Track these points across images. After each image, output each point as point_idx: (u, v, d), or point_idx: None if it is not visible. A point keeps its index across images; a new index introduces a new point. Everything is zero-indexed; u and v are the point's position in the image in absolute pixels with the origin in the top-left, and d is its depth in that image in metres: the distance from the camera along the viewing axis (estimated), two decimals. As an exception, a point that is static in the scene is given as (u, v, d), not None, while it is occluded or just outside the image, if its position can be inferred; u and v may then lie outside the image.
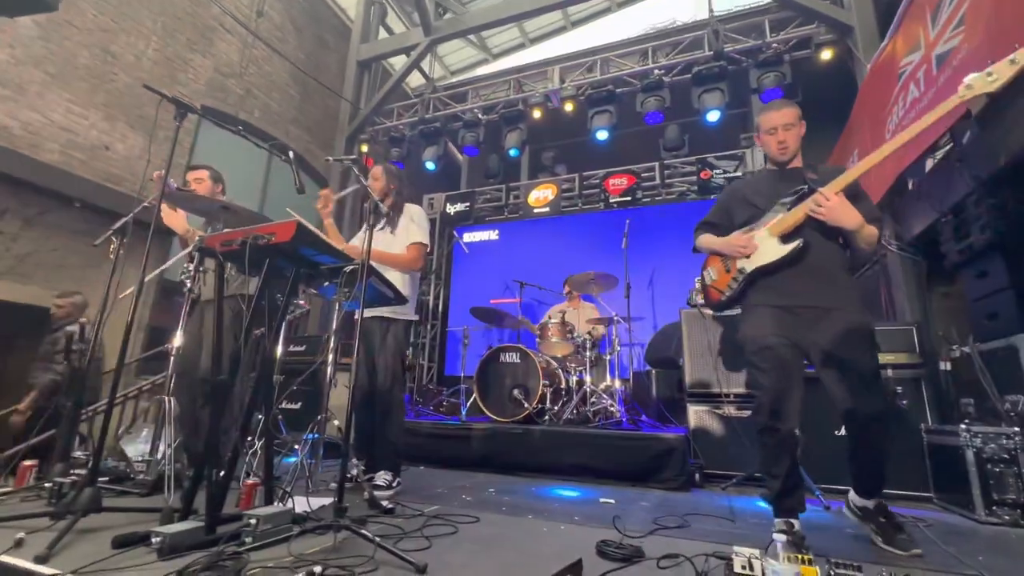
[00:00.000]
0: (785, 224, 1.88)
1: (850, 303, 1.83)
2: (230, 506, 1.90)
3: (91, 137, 4.84)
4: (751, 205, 2.01)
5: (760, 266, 1.92)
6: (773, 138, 1.98)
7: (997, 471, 2.37)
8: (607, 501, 2.59)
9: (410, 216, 2.86)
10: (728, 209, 2.11)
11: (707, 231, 2.16)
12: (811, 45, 4.80)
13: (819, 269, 1.85)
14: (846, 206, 1.78)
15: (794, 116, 1.97)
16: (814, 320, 1.81)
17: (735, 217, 2.06)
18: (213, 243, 1.88)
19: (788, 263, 1.87)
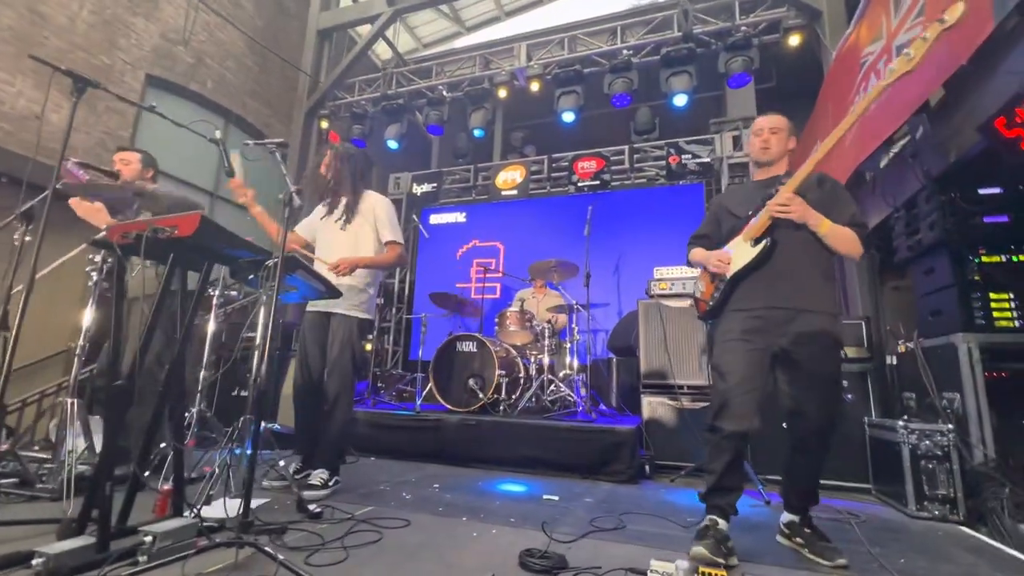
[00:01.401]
0: (755, 228, 1.89)
1: (821, 306, 1.81)
2: (146, 514, 1.80)
3: (19, 106, 4.48)
4: (733, 216, 2.03)
5: (736, 272, 1.92)
6: (758, 139, 2.02)
7: (930, 467, 2.41)
8: (550, 498, 2.55)
9: (374, 210, 2.68)
10: (716, 221, 2.12)
11: (698, 244, 2.16)
12: (780, 29, 4.70)
13: (789, 271, 1.84)
14: (803, 204, 1.77)
15: (784, 124, 2.00)
16: (783, 322, 1.80)
17: (722, 227, 2.08)
18: (113, 235, 1.72)
19: (759, 264, 1.87)
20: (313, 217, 2.81)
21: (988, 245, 2.46)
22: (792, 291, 1.81)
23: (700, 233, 2.18)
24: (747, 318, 1.86)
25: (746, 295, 1.90)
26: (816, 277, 1.84)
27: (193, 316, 1.84)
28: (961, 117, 2.38)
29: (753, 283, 1.88)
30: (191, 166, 5.97)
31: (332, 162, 2.71)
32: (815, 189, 1.87)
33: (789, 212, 1.77)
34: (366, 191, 2.74)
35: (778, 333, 1.80)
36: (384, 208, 2.71)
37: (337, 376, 2.54)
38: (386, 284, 6.79)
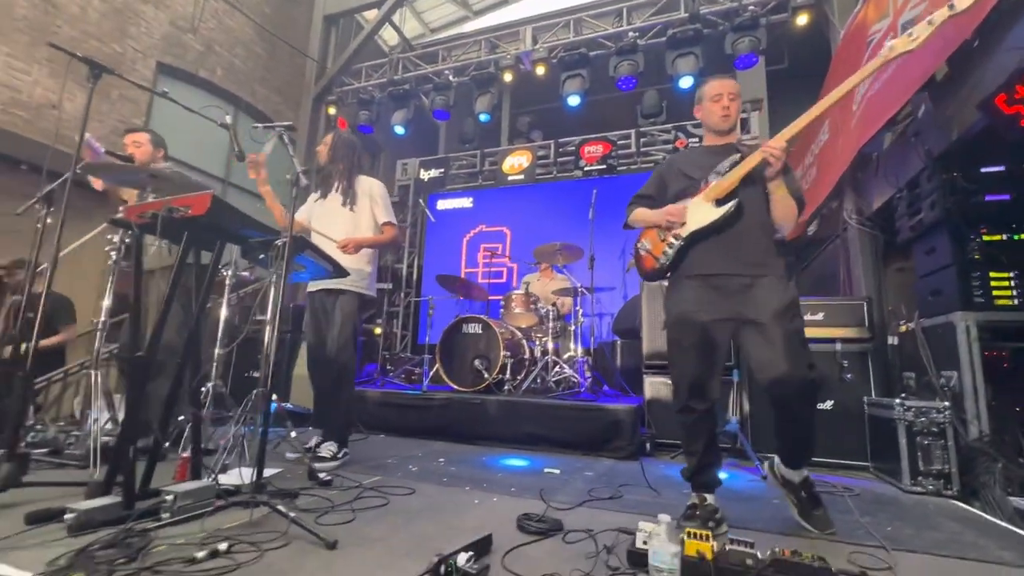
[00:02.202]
0: (720, 188, 1.86)
1: (776, 271, 1.82)
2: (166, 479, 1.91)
3: (36, 95, 4.58)
4: (686, 176, 1.98)
5: (695, 230, 1.89)
6: (718, 104, 1.94)
7: (926, 443, 2.45)
8: (551, 471, 2.64)
9: (370, 193, 2.82)
10: (663, 182, 2.07)
11: (641, 204, 2.11)
12: (788, 8, 4.63)
13: (748, 235, 1.83)
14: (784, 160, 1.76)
15: (739, 89, 1.96)
16: (741, 289, 1.79)
17: (669, 188, 2.03)
18: (131, 214, 1.81)
19: (722, 226, 1.84)
20: (308, 203, 2.92)
21: (989, 224, 2.46)
22: (750, 257, 1.81)
23: (643, 193, 2.13)
24: (701, 286, 1.85)
25: (702, 259, 1.88)
26: (769, 244, 1.85)
27: (208, 291, 1.93)
28: (963, 94, 2.37)
29: (710, 246, 1.86)
30: (202, 152, 6.07)
31: (332, 144, 2.83)
32: None
33: (777, 160, 1.74)
34: (359, 175, 2.85)
35: (736, 300, 1.79)
36: (379, 191, 2.85)
37: (341, 351, 2.64)
38: (394, 269, 6.89)
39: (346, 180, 2.80)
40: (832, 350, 3.15)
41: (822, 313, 3.22)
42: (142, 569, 1.21)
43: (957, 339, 2.44)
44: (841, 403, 3.06)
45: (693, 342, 1.82)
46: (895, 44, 1.68)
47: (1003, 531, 1.86)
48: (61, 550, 1.30)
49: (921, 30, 1.63)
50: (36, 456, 2.17)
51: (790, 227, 1.86)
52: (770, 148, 1.74)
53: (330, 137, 2.88)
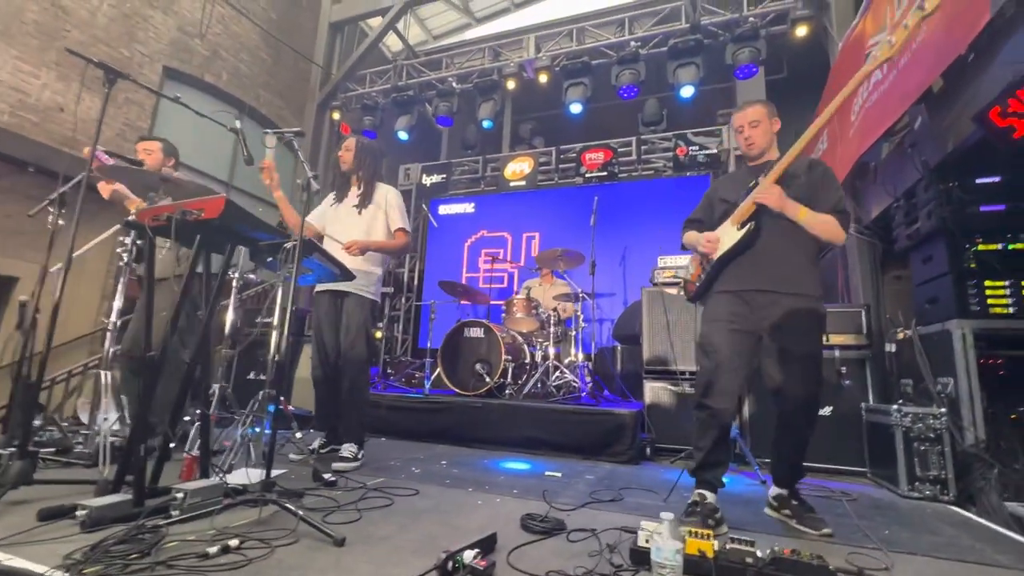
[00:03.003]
0: (741, 212, 1.97)
1: (805, 288, 1.89)
2: (173, 478, 1.94)
3: (44, 98, 4.63)
4: (724, 201, 2.11)
5: (721, 255, 2.01)
6: (740, 136, 2.09)
7: (923, 449, 2.48)
8: (552, 474, 2.66)
9: (386, 199, 2.85)
10: (710, 207, 2.20)
11: (691, 228, 2.22)
12: (788, 20, 4.70)
13: (774, 254, 1.91)
14: (781, 194, 1.85)
15: (761, 113, 2.05)
16: (767, 305, 1.88)
17: (715, 213, 2.15)
18: (144, 217, 1.84)
19: (744, 247, 1.95)
20: (323, 207, 2.96)
21: (985, 233, 2.50)
22: (776, 274, 1.89)
23: (694, 217, 2.25)
24: (733, 300, 1.94)
25: (732, 277, 1.98)
26: (800, 261, 1.91)
27: (219, 295, 1.96)
28: (959, 107, 2.42)
29: (739, 265, 1.96)
30: (207, 157, 6.12)
31: (355, 150, 2.87)
32: (805, 174, 1.94)
33: (767, 200, 1.85)
34: (379, 182, 2.88)
35: (762, 316, 1.88)
36: (395, 198, 2.88)
37: (356, 357, 2.68)
38: (396, 273, 6.92)
39: (366, 185, 2.84)
40: (831, 357, 3.18)
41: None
42: (156, 563, 1.24)
43: (953, 346, 2.48)
44: (839, 409, 3.09)
45: (715, 348, 1.91)
46: (876, 53, 1.77)
47: (999, 536, 1.89)
48: (75, 545, 1.32)
49: (899, 35, 1.71)
50: (44, 455, 2.19)
51: (836, 242, 1.91)
52: (759, 195, 1.87)
53: (353, 142, 2.91)
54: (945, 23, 2.35)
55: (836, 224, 1.87)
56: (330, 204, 2.93)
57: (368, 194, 2.82)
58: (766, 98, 6.91)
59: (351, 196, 2.86)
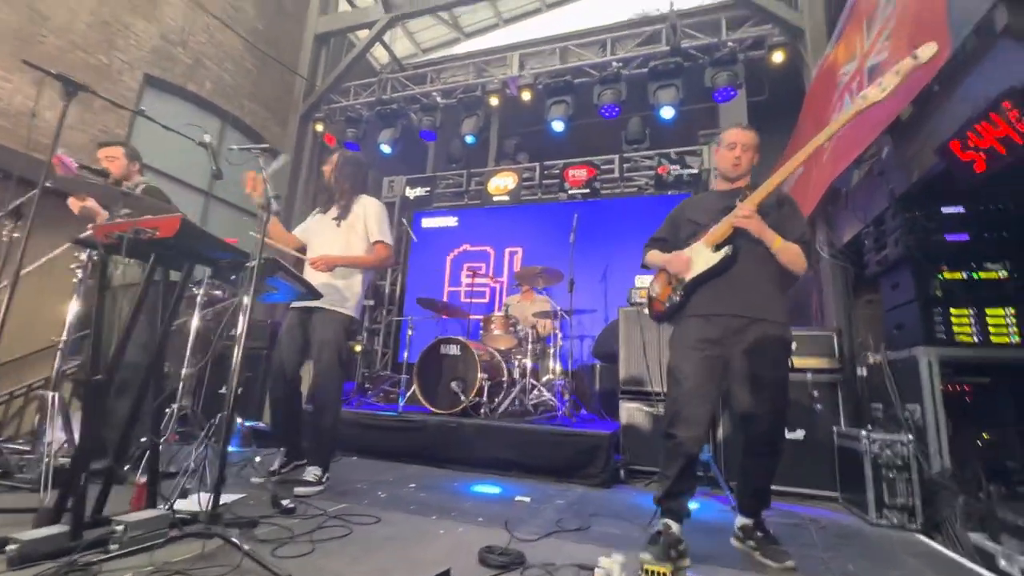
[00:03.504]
0: (717, 233, 1.96)
1: (775, 315, 1.90)
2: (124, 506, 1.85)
3: (15, 103, 4.53)
4: (693, 222, 2.09)
5: (695, 276, 1.99)
6: (732, 153, 2.06)
7: (891, 476, 2.48)
8: (522, 499, 2.61)
9: (366, 211, 2.78)
10: (675, 225, 2.18)
11: (655, 247, 2.21)
12: (765, 46, 4.81)
13: (747, 279, 1.92)
14: (760, 221, 1.87)
15: (755, 141, 2.07)
16: (739, 330, 1.88)
17: (680, 233, 2.14)
18: (97, 234, 1.79)
19: (719, 271, 1.94)
20: (308, 220, 2.92)
21: (949, 262, 2.54)
22: (749, 300, 1.89)
23: (658, 236, 2.24)
24: (704, 325, 1.93)
25: (704, 300, 1.96)
26: (771, 288, 1.92)
27: (175, 310, 1.90)
28: (923, 137, 2.47)
29: (712, 289, 1.95)
30: (186, 165, 6.02)
31: (337, 164, 2.84)
32: (775, 209, 1.96)
33: (748, 224, 1.86)
34: (362, 195, 2.84)
35: (733, 341, 1.88)
36: (375, 209, 2.80)
37: (326, 376, 2.60)
38: (377, 286, 6.86)
39: (347, 198, 2.78)
40: (804, 380, 3.19)
41: (794, 344, 3.27)
42: (81, 606, 1.17)
43: (920, 373, 2.50)
44: (811, 433, 3.09)
45: (685, 375, 1.89)
46: (867, 94, 1.78)
47: (962, 570, 1.89)
48: (-2, 584, 1.25)
49: (889, 81, 1.74)
50: (-13, 479, 2.10)
51: (799, 271, 1.92)
52: (738, 219, 1.87)
53: (336, 157, 2.88)
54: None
55: (800, 253, 1.90)
56: (313, 217, 2.89)
57: (347, 207, 2.76)
58: (748, 119, 7.07)
59: (332, 210, 2.82)
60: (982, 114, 1.86)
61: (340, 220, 2.74)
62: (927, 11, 2.26)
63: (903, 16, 2.49)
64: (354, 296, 2.73)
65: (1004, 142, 1.91)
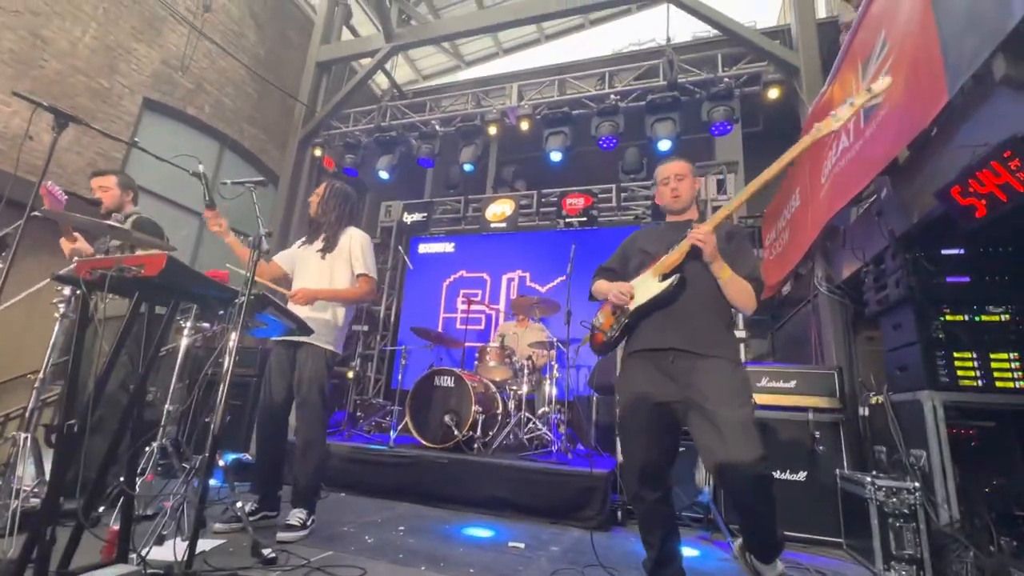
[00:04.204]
0: (666, 263, 1.89)
1: (723, 351, 1.80)
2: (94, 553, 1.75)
3: (12, 126, 4.52)
4: (643, 252, 2.02)
5: (639, 305, 1.90)
6: (667, 187, 2.04)
7: (898, 525, 2.39)
8: (515, 545, 2.51)
9: (351, 242, 2.72)
10: (625, 256, 2.12)
11: (603, 276, 2.14)
12: (760, 82, 4.89)
13: (695, 312, 1.83)
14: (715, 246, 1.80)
15: (686, 169, 2.04)
16: (687, 369, 1.76)
17: (630, 263, 2.07)
18: (80, 271, 1.73)
19: (664, 302, 1.86)
20: (294, 247, 2.85)
21: (951, 304, 2.51)
22: (694, 335, 1.79)
23: (606, 266, 2.18)
24: (648, 365, 1.83)
25: (648, 334, 1.87)
26: (719, 324, 1.84)
27: (158, 349, 1.84)
28: (922, 180, 2.47)
29: (656, 321, 1.86)
30: (181, 188, 6.00)
31: (323, 195, 2.78)
32: (723, 241, 1.88)
33: (705, 242, 1.78)
34: (349, 227, 2.78)
35: (683, 383, 1.75)
36: (359, 242, 2.73)
37: (309, 414, 2.51)
38: (371, 311, 6.79)
39: (333, 230, 2.72)
40: (805, 419, 3.13)
41: (794, 381, 3.22)
42: None
43: (925, 418, 2.44)
44: (813, 476, 3.01)
45: (642, 426, 1.79)
46: (821, 125, 1.81)
47: (976, 633, 1.79)
48: (-54, 656, 1.15)
49: (844, 112, 1.78)
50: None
51: (747, 309, 1.86)
52: (695, 235, 1.80)
53: (323, 188, 2.81)
54: (906, 101, 2.42)
55: (750, 290, 1.83)
56: (299, 246, 2.81)
57: (333, 240, 2.70)
58: (743, 150, 7.15)
59: (318, 242, 2.76)
60: (983, 162, 1.85)
61: (325, 253, 2.67)
62: (923, 57, 2.28)
63: (899, 61, 2.52)
64: (337, 329, 2.67)
65: (1005, 189, 1.90)
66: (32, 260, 3.61)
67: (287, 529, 2.33)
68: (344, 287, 2.66)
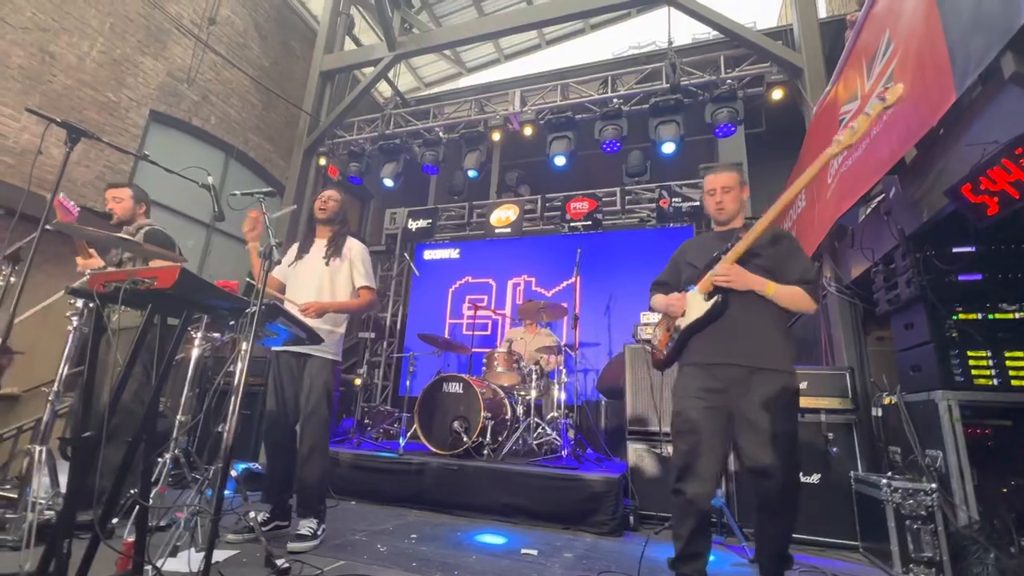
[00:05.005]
0: (707, 283, 1.92)
1: (777, 363, 1.82)
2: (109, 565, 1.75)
3: (22, 141, 4.58)
4: (691, 266, 2.06)
5: (688, 324, 1.95)
6: (712, 199, 2.07)
7: (915, 528, 2.37)
8: (528, 552, 2.49)
9: (351, 253, 2.73)
10: (676, 268, 2.16)
11: (658, 291, 2.18)
12: (763, 83, 4.89)
13: (744, 326, 1.85)
14: (742, 274, 1.83)
15: (734, 180, 2.05)
16: (740, 381, 1.81)
17: (682, 276, 2.10)
18: (93, 284, 1.74)
19: (711, 319, 1.89)
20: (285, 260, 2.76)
21: (964, 303, 2.49)
22: (749, 348, 1.82)
23: (661, 280, 2.21)
24: (703, 375, 1.87)
25: (700, 349, 1.91)
26: (772, 334, 1.85)
27: (171, 360, 1.84)
28: (931, 178, 2.45)
29: (707, 337, 1.90)
30: (189, 199, 6.05)
31: (340, 202, 2.79)
32: (770, 246, 1.92)
33: (730, 282, 1.83)
34: (348, 236, 2.80)
35: (736, 393, 1.81)
36: (360, 254, 2.75)
37: (315, 423, 2.52)
38: (377, 318, 6.80)
39: (338, 238, 2.73)
40: (817, 421, 3.10)
41: (806, 382, 3.19)
42: None
43: (940, 418, 2.41)
44: (827, 478, 2.98)
45: (690, 428, 1.82)
46: (840, 139, 1.81)
47: (1000, 636, 1.77)
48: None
49: (860, 123, 1.78)
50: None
51: (805, 310, 1.87)
52: (717, 277, 1.85)
53: (337, 193, 2.83)
54: (912, 100, 2.41)
55: (804, 295, 1.83)
56: (290, 262, 2.73)
57: (338, 246, 2.71)
58: (746, 151, 7.13)
59: (317, 248, 2.74)
60: (994, 160, 1.84)
61: (331, 259, 2.68)
62: (928, 55, 2.27)
63: (904, 60, 2.51)
64: (340, 340, 2.71)
65: (1016, 186, 1.88)
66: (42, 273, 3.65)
67: (298, 540, 2.33)
68: (345, 298, 2.68)
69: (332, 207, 2.77)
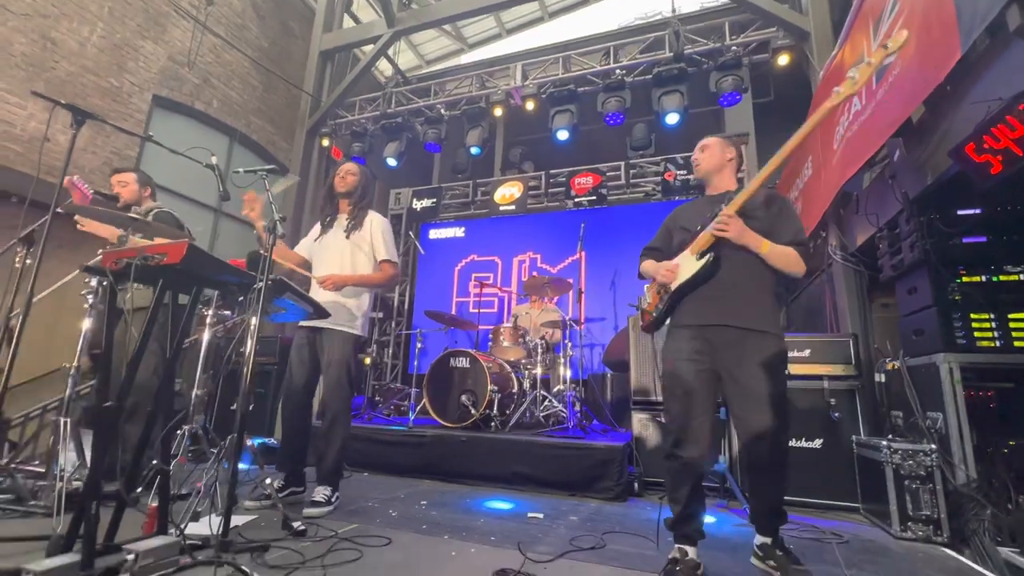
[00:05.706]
0: (699, 242, 1.93)
1: (767, 325, 1.84)
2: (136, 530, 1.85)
3: (29, 128, 4.63)
4: (684, 229, 2.07)
5: (679, 284, 1.96)
6: (693, 158, 2.13)
7: (914, 487, 2.41)
8: (535, 516, 2.58)
9: (372, 227, 2.76)
10: (668, 234, 2.16)
11: (649, 256, 2.19)
12: (769, 49, 4.77)
13: (735, 286, 1.87)
14: (742, 225, 1.83)
15: (712, 140, 2.10)
16: (731, 342, 1.83)
17: (674, 240, 2.11)
18: (106, 261, 1.80)
19: (702, 279, 1.90)
20: (310, 237, 2.89)
21: (968, 265, 2.48)
22: (739, 309, 1.84)
23: (652, 245, 2.22)
24: (693, 337, 1.89)
25: (691, 311, 1.93)
26: (763, 296, 1.87)
27: (184, 335, 1.91)
28: (935, 140, 2.42)
29: (699, 298, 1.91)
30: (195, 183, 6.10)
31: (351, 176, 2.80)
32: (763, 208, 1.92)
33: (727, 231, 1.82)
34: (369, 210, 2.83)
35: (728, 356, 1.82)
36: (381, 227, 2.78)
37: (334, 394, 2.59)
38: (385, 298, 6.87)
39: (356, 211, 2.76)
40: (820, 387, 3.13)
41: (808, 350, 3.21)
42: (91, 643, 1.16)
43: (941, 381, 2.43)
44: (830, 443, 3.03)
45: (684, 391, 1.85)
46: (840, 89, 1.77)
47: (992, 586, 1.82)
48: (10, 618, 1.24)
49: (862, 72, 1.74)
50: (1, 505, 2.11)
51: (796, 273, 1.88)
52: (717, 223, 1.84)
53: (356, 167, 2.83)
54: (918, 59, 2.36)
55: (796, 256, 1.85)
56: (315, 237, 2.83)
57: (359, 220, 2.74)
58: (754, 121, 6.99)
59: (339, 222, 2.79)
60: (998, 117, 1.82)
61: (351, 232, 2.71)
62: (935, 13, 2.22)
63: (911, 18, 2.45)
64: (362, 314, 2.72)
65: (1020, 143, 1.86)
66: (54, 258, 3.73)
67: (313, 505, 2.42)
68: (365, 271, 2.71)
69: (351, 181, 2.79)
